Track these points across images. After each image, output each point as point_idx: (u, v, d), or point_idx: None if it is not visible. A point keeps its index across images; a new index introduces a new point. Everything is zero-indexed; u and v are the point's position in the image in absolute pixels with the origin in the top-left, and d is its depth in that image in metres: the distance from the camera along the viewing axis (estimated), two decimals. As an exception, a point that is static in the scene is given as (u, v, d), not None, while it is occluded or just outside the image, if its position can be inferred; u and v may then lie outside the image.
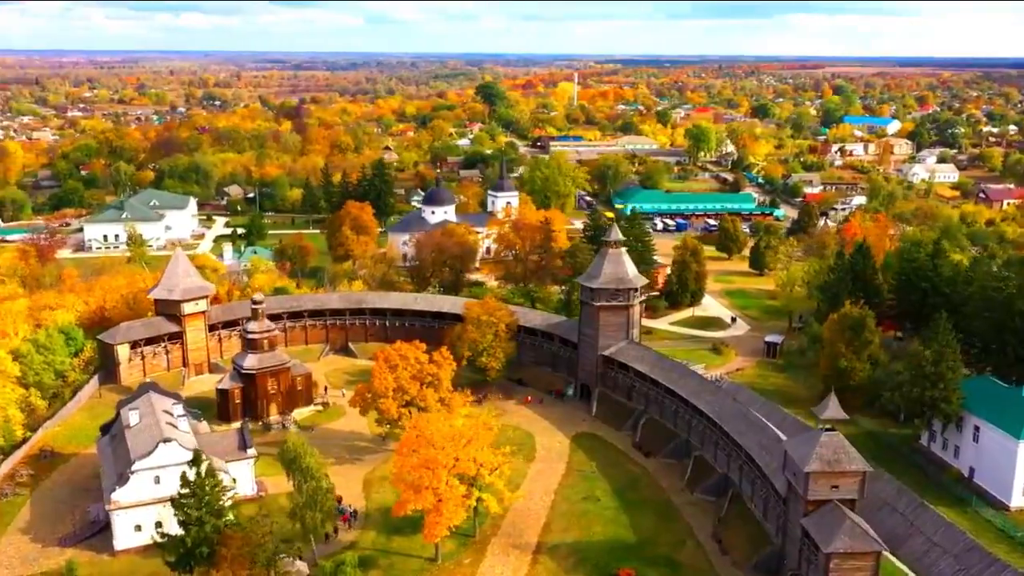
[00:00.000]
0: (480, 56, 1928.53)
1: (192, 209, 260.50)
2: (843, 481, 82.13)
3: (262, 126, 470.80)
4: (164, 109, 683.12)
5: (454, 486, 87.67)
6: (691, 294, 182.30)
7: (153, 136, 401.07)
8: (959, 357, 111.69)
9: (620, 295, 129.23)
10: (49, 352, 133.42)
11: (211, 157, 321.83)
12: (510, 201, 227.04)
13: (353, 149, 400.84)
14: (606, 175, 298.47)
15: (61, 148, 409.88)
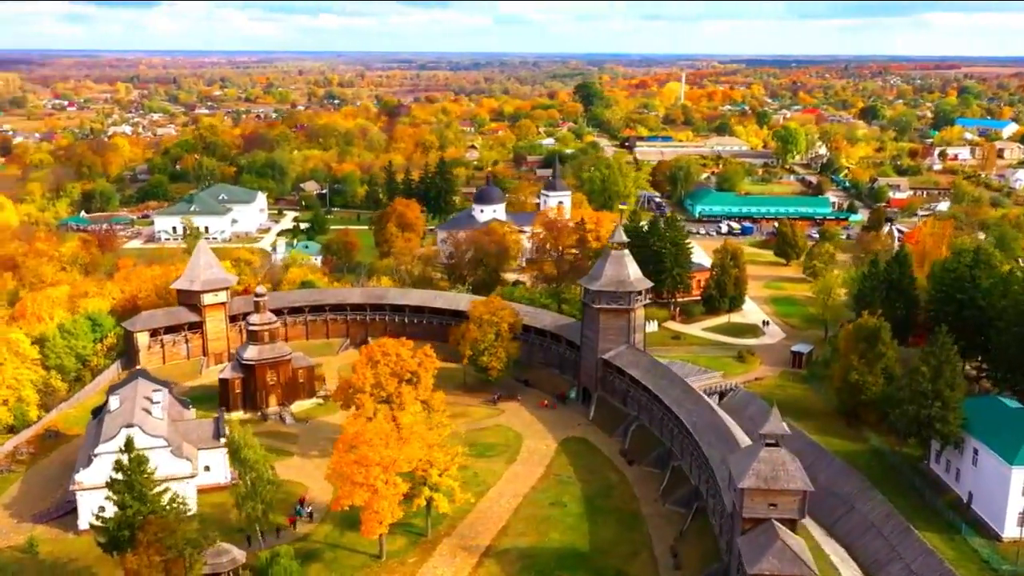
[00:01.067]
0: (603, 56, 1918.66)
1: (260, 204, 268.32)
2: (781, 499, 77.95)
3: (358, 124, 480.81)
4: (285, 107, 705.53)
5: (393, 483, 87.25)
6: (730, 300, 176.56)
7: (239, 133, 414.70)
8: (959, 374, 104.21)
9: (621, 298, 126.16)
10: (72, 337, 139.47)
11: (288, 154, 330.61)
12: (562, 201, 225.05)
13: (437, 147, 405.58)
14: (677, 176, 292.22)
15: (164, 143, 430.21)
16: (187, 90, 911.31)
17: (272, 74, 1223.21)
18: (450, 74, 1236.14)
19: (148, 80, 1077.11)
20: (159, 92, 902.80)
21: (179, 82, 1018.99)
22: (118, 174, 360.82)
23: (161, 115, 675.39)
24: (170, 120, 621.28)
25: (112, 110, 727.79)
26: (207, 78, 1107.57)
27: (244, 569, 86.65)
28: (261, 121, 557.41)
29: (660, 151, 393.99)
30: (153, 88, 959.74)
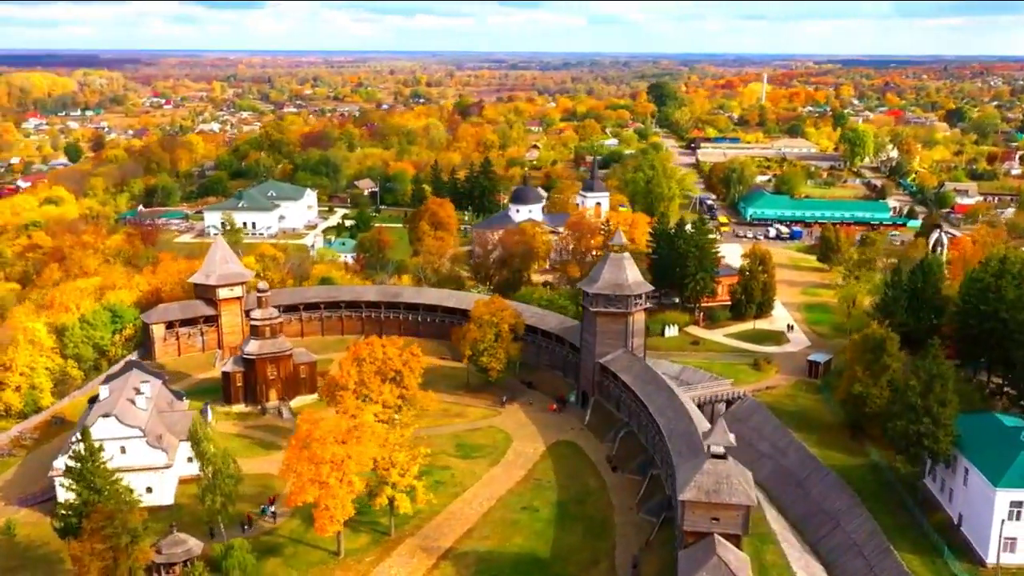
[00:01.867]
0: (697, 56, 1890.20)
1: (309, 200, 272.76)
2: (724, 514, 75.48)
3: (428, 122, 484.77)
4: (369, 106, 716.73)
5: (347, 481, 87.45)
6: (757, 305, 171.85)
7: (301, 131, 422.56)
8: (951, 388, 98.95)
9: (618, 301, 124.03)
10: (91, 328, 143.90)
11: (343, 152, 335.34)
12: (600, 202, 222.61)
13: (498, 147, 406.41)
14: (731, 178, 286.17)
15: (236, 141, 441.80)
16: (279, 89, 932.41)
17: (364, 73, 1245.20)
18: (539, 74, 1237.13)
19: (244, 79, 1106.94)
20: (252, 91, 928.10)
21: (273, 81, 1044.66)
22: (187, 170, 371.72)
23: (250, 113, 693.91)
24: (258, 118, 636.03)
25: (205, 108, 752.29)
26: (300, 77, 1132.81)
27: (199, 560, 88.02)
28: (336, 119, 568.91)
29: (723, 153, 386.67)
30: (246, 87, 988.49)
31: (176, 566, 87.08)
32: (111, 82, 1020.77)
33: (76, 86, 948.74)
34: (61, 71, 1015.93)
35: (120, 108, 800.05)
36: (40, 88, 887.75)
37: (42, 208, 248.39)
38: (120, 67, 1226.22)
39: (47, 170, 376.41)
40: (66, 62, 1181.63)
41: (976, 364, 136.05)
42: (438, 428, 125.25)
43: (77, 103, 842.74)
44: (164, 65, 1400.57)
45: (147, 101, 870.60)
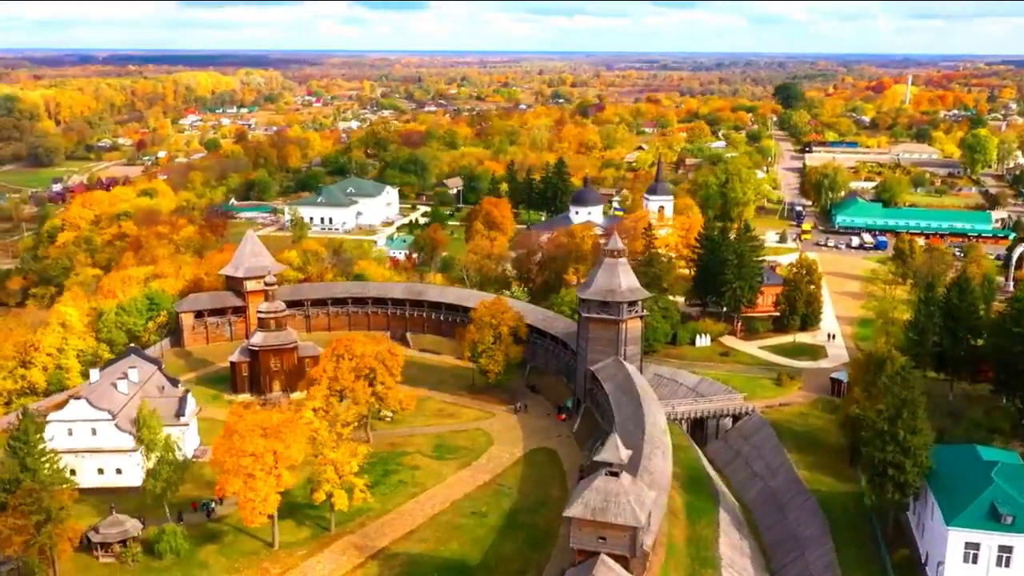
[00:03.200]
0: (859, 57, 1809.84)
1: (388, 198, 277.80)
2: (611, 534, 72.28)
3: (525, 123, 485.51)
4: (507, 105, 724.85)
5: (276, 475, 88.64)
6: (802, 318, 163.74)
7: (399, 130, 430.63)
8: (922, 415, 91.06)
9: (610, 308, 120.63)
10: (125, 314, 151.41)
11: (433, 151, 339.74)
12: (664, 205, 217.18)
13: (601, 148, 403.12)
14: (822, 184, 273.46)
15: (353, 138, 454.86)
16: (425, 88, 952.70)
17: (512, 74, 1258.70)
18: (688, 74, 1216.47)
19: (396, 79, 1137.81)
20: (399, 90, 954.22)
21: (423, 80, 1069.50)
22: (296, 166, 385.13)
23: (391, 111, 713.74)
24: (397, 116, 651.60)
25: (351, 106, 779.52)
26: (449, 77, 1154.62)
27: (135, 541, 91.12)
28: (450, 118, 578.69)
29: (833, 157, 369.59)
30: (395, 86, 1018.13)
31: (113, 545, 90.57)
32: (270, 81, 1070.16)
33: (238, 85, 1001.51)
34: (228, 71, 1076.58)
35: (272, 106, 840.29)
36: (205, 87, 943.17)
37: (137, 199, 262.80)
38: (286, 67, 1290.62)
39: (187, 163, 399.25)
40: (239, 62, 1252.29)
41: (1013, 392, 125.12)
42: (427, 428, 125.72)
43: (235, 101, 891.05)
44: (328, 65, 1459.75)
45: (299, 99, 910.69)
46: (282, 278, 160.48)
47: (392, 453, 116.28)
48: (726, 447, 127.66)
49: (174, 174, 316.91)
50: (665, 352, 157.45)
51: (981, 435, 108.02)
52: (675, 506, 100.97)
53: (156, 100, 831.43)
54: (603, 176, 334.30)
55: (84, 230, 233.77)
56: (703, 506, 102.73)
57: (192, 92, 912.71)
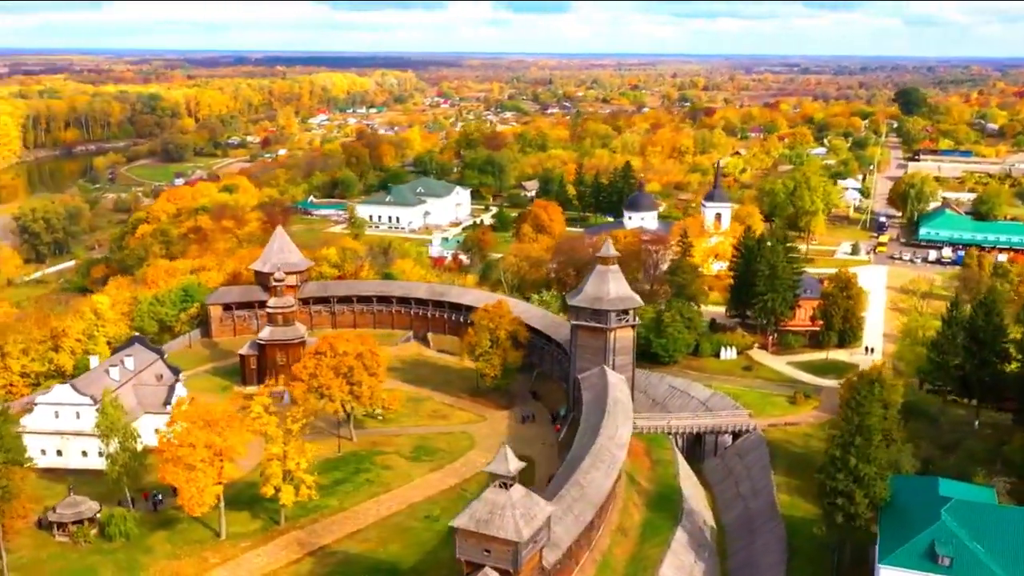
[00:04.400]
0: (1018, 61, 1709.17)
1: (458, 198, 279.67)
2: (494, 547, 70.71)
3: (632, 125, 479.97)
4: (630, 108, 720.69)
5: (217, 467, 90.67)
6: (839, 334, 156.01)
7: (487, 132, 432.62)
8: (878, 442, 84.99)
9: (598, 316, 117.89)
10: (159, 304, 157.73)
11: (512, 153, 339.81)
12: (720, 212, 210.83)
13: (697, 152, 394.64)
14: (908, 194, 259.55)
15: (450, 139, 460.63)
16: (553, 91, 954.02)
17: (645, 76, 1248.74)
18: (827, 78, 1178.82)
19: (527, 81, 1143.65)
20: (527, 92, 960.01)
21: (553, 83, 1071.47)
22: (390, 166, 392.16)
23: (514, 113, 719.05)
24: (518, 118, 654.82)
25: (476, 107, 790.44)
26: (579, 80, 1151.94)
27: (91, 523, 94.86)
28: (552, 120, 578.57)
29: (939, 166, 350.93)
30: (522, 88, 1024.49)
31: (68, 525, 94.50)
32: (404, 82, 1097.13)
33: (372, 86, 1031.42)
34: (367, 72, 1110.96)
35: (399, 106, 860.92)
36: (340, 87, 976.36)
37: (218, 195, 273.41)
38: (425, 68, 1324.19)
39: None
40: (382, 64, 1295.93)
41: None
42: (416, 428, 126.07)
43: (365, 101, 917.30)
44: (465, 67, 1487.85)
45: (429, 100, 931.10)
46: (315, 274, 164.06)
47: (370, 452, 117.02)
48: (721, 465, 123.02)
49: (264, 170, 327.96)
50: (686, 363, 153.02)
51: (974, 468, 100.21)
52: (629, 523, 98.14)
53: (292, 100, 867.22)
54: (687, 181, 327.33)
55: (163, 223, 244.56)
56: (661, 525, 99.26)
57: (328, 92, 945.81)
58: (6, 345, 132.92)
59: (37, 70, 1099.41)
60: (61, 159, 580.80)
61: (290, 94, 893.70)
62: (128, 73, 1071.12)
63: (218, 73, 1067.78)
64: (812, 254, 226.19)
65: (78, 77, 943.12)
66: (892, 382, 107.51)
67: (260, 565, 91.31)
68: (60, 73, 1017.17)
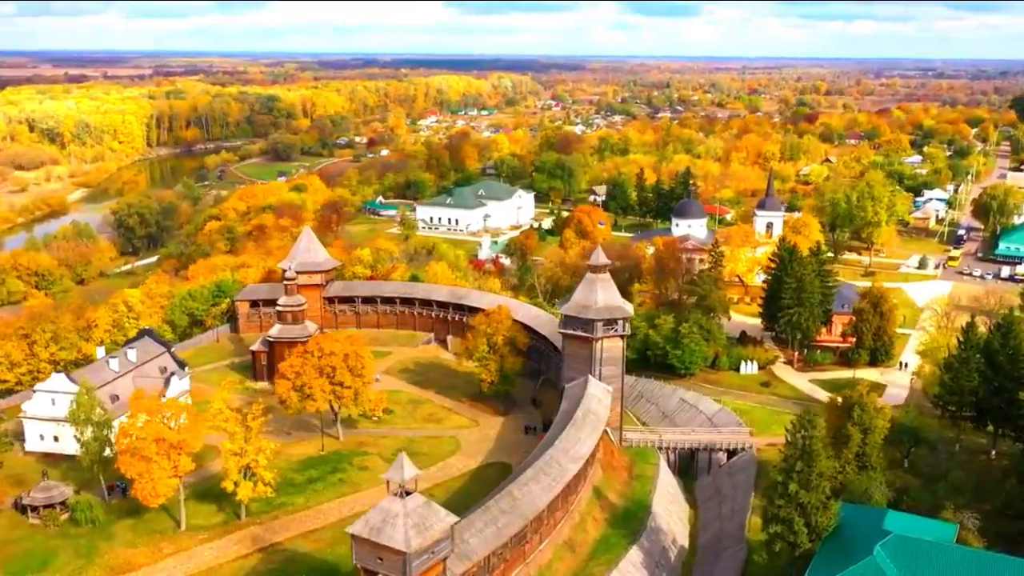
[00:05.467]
0: None
1: (519, 201, 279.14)
2: (386, 555, 70.37)
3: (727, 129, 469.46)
4: (742, 112, 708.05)
5: (174, 461, 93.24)
6: (870, 352, 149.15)
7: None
8: (823, 468, 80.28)
9: (585, 325, 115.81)
10: (191, 300, 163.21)
11: (583, 157, 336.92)
12: (772, 221, 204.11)
13: (785, 158, 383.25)
14: (989, 207, 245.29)
15: (535, 142, 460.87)
16: (668, 95, 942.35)
17: (768, 80, 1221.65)
18: (958, 83, 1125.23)
19: (645, 84, 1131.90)
20: (641, 96, 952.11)
21: (670, 86, 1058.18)
22: (472, 168, 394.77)
23: (623, 116, 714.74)
24: (626, 122, 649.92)
25: (586, 111, 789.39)
26: (698, 84, 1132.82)
27: (62, 507, 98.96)
28: (654, 123, 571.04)
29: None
30: (637, 91, 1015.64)
31: (40, 509, 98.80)
32: (520, 85, 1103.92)
33: (489, 88, 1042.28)
34: (486, 75, 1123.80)
35: (510, 109, 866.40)
36: (456, 90, 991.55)
37: (287, 194, 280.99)
38: (546, 71, 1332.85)
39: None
40: (507, 67, 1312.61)
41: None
42: (407, 430, 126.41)
43: (477, 104, 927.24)
44: (588, 70, 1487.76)
45: (541, 104, 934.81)
46: (348, 274, 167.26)
47: (352, 452, 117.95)
48: (712, 483, 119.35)
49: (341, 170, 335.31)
50: (703, 376, 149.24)
51: (955, 500, 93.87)
52: (581, 538, 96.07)
53: (406, 101, 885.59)
54: (763, 188, 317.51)
55: (230, 220, 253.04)
56: (617, 542, 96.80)
57: (442, 95, 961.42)
58: (34, 333, 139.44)
59: (179, 71, 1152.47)
60: (181, 157, 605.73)
61: (405, 96, 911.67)
62: (259, 75, 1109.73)
63: (345, 75, 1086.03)
64: (875, 267, 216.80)
65: (211, 79, 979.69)
66: (879, 406, 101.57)
67: (209, 558, 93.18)
68: (197, 75, 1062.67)
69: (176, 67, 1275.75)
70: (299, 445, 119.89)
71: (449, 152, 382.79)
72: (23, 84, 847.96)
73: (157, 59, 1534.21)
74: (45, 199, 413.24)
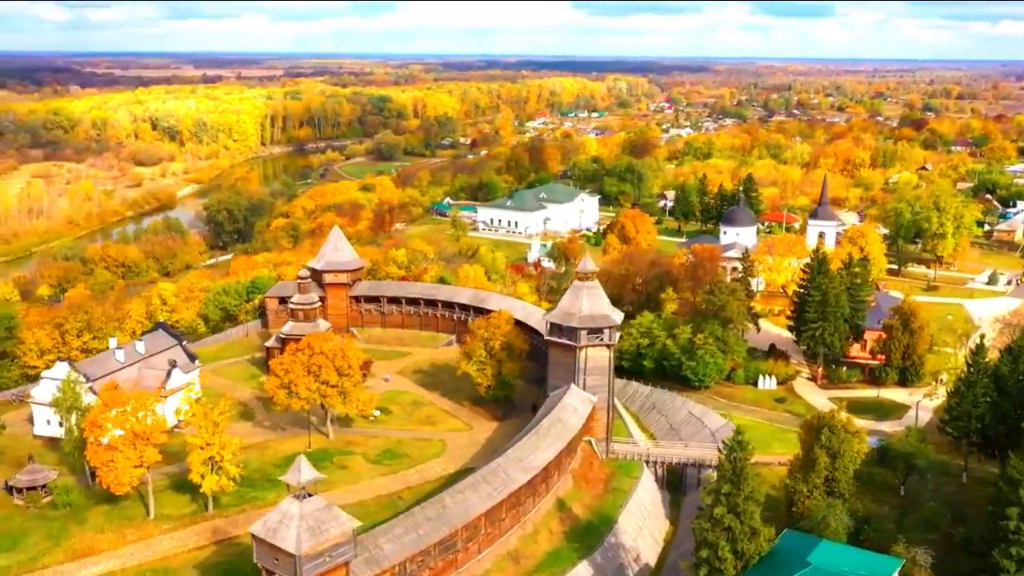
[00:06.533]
0: None
1: (582, 205, 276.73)
2: (280, 556, 71.12)
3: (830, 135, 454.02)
4: (863, 116, 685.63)
5: (140, 451, 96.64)
6: (899, 371, 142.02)
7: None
8: (747, 493, 76.52)
9: (569, 333, 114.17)
10: (225, 295, 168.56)
11: (655, 162, 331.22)
12: (824, 232, 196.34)
13: (878, 165, 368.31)
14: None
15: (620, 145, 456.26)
16: (787, 98, 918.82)
17: (898, 83, 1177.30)
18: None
19: (766, 87, 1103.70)
20: (758, 99, 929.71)
21: (792, 89, 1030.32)
22: (553, 171, 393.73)
23: (734, 120, 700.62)
24: (737, 125, 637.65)
25: (697, 114, 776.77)
26: (820, 87, 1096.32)
27: (44, 490, 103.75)
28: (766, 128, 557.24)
29: None
30: (754, 94, 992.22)
31: (24, 490, 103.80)
32: (634, 87, 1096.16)
33: (604, 90, 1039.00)
34: (599, 76, 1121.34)
35: (620, 111, 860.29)
36: (569, 91, 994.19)
37: (354, 194, 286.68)
38: (668, 73, 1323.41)
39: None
40: (629, 69, 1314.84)
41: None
42: (399, 431, 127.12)
43: (589, 106, 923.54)
44: (712, 71, 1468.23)
45: (653, 106, 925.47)
46: (382, 273, 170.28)
47: (338, 451, 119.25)
48: (694, 501, 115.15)
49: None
50: (718, 389, 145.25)
51: (916, 533, 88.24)
52: (529, 550, 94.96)
53: (518, 103, 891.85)
54: (845, 197, 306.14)
55: (295, 218, 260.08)
56: (568, 556, 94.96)
57: (556, 96, 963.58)
58: (66, 323, 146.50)
59: (307, 73, 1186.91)
60: (293, 155, 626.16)
61: (517, 97, 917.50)
62: (384, 76, 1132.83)
63: (467, 76, 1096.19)
64: (940, 281, 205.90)
65: (335, 80, 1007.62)
66: (854, 429, 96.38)
67: (167, 548, 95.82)
68: (324, 76, 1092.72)
69: (306, 68, 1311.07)
70: (289, 441, 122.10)
71: (529, 155, 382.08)
72: (161, 84, 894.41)
73: (291, 60, 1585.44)
74: (154, 194, 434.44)
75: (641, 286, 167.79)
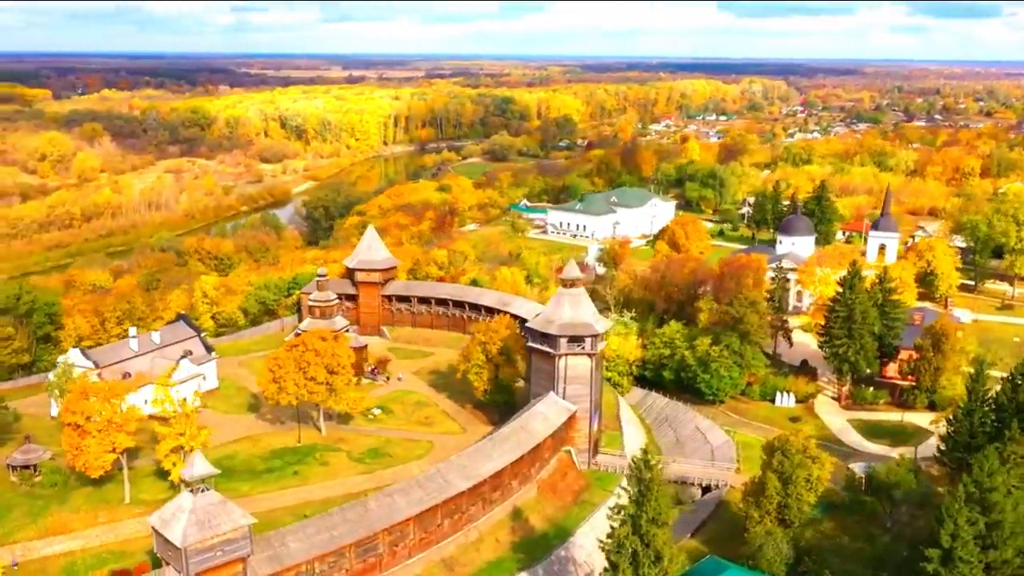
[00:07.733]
0: None
1: (654, 210, 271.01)
2: (171, 548, 72.94)
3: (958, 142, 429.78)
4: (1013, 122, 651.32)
5: (112, 438, 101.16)
6: (927, 392, 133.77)
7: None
8: (655, 514, 73.23)
9: (549, 341, 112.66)
10: (265, 290, 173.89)
11: (738, 167, 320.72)
12: (884, 243, 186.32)
13: (991, 173, 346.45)
14: None
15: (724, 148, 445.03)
16: (930, 102, 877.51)
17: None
18: None
19: (914, 90, 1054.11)
20: (899, 103, 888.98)
21: (940, 93, 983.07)
22: (646, 175, 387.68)
23: (868, 124, 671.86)
24: (870, 129, 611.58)
25: (829, 118, 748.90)
26: (970, 90, 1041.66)
27: (36, 470, 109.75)
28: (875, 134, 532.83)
29: None
30: (896, 99, 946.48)
31: (19, 469, 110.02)
32: (771, 90, 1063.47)
33: (737, 93, 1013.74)
34: (735, 79, 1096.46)
35: (750, 114, 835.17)
36: (701, 94, 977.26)
37: (430, 194, 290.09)
38: (813, 75, 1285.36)
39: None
40: (773, 71, 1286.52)
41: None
42: (394, 431, 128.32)
43: (718, 109, 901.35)
44: (859, 74, 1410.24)
45: (786, 110, 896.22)
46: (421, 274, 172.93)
47: (325, 447, 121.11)
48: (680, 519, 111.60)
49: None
50: (732, 405, 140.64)
51: (856, 568, 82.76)
52: (467, 558, 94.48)
53: (645, 105, 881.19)
54: (943, 207, 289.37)
55: (369, 216, 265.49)
56: (508, 567, 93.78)
57: (686, 98, 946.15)
58: (106, 311, 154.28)
59: (446, 74, 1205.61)
60: (414, 155, 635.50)
61: (644, 99, 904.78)
62: (520, 78, 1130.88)
63: (602, 78, 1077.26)
64: (1018, 300, 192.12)
65: (470, 81, 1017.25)
66: (814, 454, 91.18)
67: (129, 532, 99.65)
68: (461, 77, 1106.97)
69: (446, 70, 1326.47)
70: (280, 435, 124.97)
71: (621, 158, 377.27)
72: (303, 84, 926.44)
73: (434, 62, 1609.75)
74: (270, 190, 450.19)
75: (676, 294, 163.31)
